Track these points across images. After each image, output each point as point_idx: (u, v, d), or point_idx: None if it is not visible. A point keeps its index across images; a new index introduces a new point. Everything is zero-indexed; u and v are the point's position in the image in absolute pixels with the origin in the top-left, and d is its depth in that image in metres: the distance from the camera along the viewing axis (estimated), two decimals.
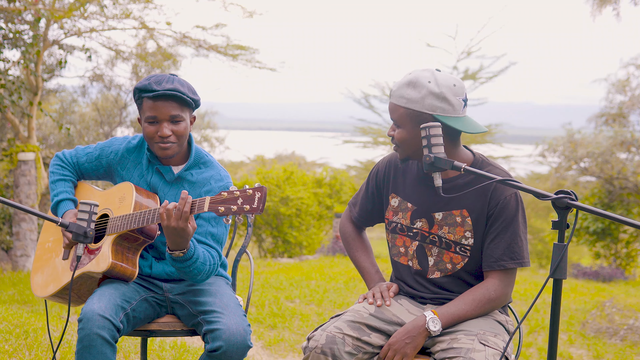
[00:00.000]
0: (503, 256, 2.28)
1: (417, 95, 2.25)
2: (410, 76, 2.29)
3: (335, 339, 2.21)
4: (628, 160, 13.36)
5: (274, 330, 5.04)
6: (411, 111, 2.26)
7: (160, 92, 2.48)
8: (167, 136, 2.52)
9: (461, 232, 2.33)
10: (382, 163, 2.54)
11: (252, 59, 11.61)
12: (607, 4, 8.59)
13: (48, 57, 11.87)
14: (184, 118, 2.54)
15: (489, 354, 2.13)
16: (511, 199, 2.28)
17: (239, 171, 18.44)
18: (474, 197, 2.30)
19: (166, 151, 2.54)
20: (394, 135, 2.34)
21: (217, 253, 2.58)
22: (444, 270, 2.38)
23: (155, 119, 2.51)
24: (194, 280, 2.52)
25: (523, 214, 2.32)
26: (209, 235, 2.58)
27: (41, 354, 3.65)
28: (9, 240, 10.31)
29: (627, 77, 14.29)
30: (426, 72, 2.28)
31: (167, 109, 2.50)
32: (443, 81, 2.25)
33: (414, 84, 2.26)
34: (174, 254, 2.39)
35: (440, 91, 2.23)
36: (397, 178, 2.46)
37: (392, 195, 2.47)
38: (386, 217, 2.50)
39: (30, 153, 9.77)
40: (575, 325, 5.84)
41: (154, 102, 2.50)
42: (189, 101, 2.53)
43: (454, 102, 2.25)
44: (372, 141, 20.32)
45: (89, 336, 2.30)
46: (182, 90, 2.51)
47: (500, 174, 2.27)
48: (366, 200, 2.57)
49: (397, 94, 2.30)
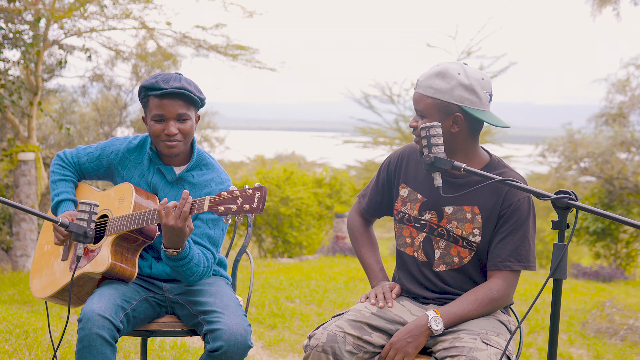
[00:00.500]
0: (510, 257, 2.28)
1: (446, 85, 2.25)
2: (439, 67, 2.29)
3: (337, 338, 2.21)
4: (628, 160, 13.36)
5: (274, 330, 5.04)
6: (439, 101, 2.26)
7: (168, 90, 2.48)
8: (174, 134, 2.52)
9: (469, 229, 2.33)
10: (394, 155, 2.54)
11: (252, 59, 11.61)
12: (607, 4, 8.59)
13: (48, 57, 11.87)
14: (190, 116, 2.55)
15: (491, 353, 2.13)
16: (524, 202, 2.29)
17: (239, 171, 18.44)
18: (487, 196, 2.31)
19: (172, 149, 2.55)
20: (416, 126, 2.33)
21: (212, 255, 2.58)
22: (451, 263, 2.37)
23: (162, 117, 2.52)
24: (187, 281, 2.52)
25: (534, 218, 2.32)
26: (205, 237, 2.58)
27: (41, 354, 3.65)
28: (9, 240, 10.30)
29: (627, 77, 14.29)
30: (455, 64, 2.29)
31: (174, 107, 2.51)
32: (472, 74, 2.26)
33: (443, 75, 2.26)
34: (168, 251, 2.40)
35: (469, 83, 2.24)
36: (408, 169, 2.46)
37: (402, 185, 2.47)
38: (395, 208, 2.49)
39: (30, 153, 9.77)
40: (576, 325, 5.84)
41: (161, 100, 2.51)
42: (196, 100, 2.54)
43: (481, 95, 2.26)
44: (372, 141, 20.33)
45: (88, 336, 2.30)
46: (189, 89, 2.52)
47: (514, 177, 2.26)
48: (376, 191, 2.57)
49: (424, 84, 2.30)
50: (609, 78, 14.62)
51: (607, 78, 14.66)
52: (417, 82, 2.34)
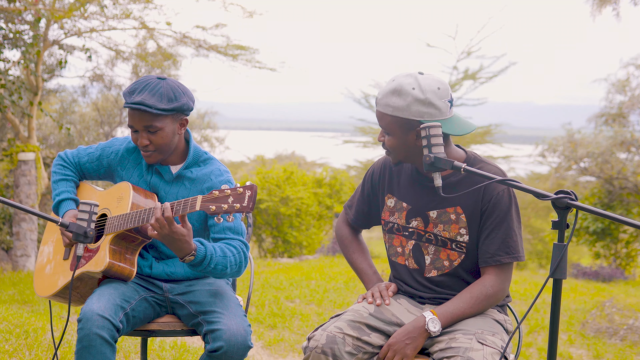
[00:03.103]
0: (498, 251, 2.29)
1: (402, 103, 2.23)
2: (394, 84, 2.27)
3: (336, 339, 2.22)
4: (628, 160, 13.37)
5: (274, 330, 5.04)
6: (399, 118, 2.25)
7: (128, 104, 2.46)
8: (145, 145, 2.51)
9: (456, 229, 2.33)
10: (377, 165, 2.54)
11: (252, 59, 11.61)
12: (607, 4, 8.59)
13: (48, 57, 11.88)
14: (160, 127, 2.48)
15: (487, 352, 2.14)
16: (504, 194, 2.29)
17: (239, 171, 18.44)
18: (468, 194, 2.30)
19: (148, 159, 2.55)
20: (384, 141, 2.34)
21: (239, 242, 2.51)
22: (441, 268, 2.38)
23: (133, 127, 2.51)
24: (227, 276, 2.47)
25: (516, 208, 2.33)
26: (227, 230, 2.52)
27: (41, 353, 3.65)
28: (9, 240, 10.32)
29: (627, 77, 14.30)
30: (409, 77, 2.26)
31: (139, 119, 2.48)
32: (427, 86, 2.23)
33: (399, 92, 2.24)
34: (186, 260, 2.36)
35: (425, 97, 2.22)
36: (392, 179, 2.47)
37: (388, 195, 2.47)
38: (382, 218, 2.50)
39: (30, 153, 9.78)
40: (575, 325, 5.84)
41: (130, 111, 2.49)
42: (158, 113, 2.45)
43: (440, 105, 2.24)
44: (372, 141, 20.30)
45: (88, 336, 2.30)
46: (147, 103, 2.43)
47: (492, 171, 2.27)
48: (362, 202, 2.57)
49: (382, 103, 2.29)
50: (609, 78, 14.63)
51: (607, 78, 14.68)
52: (376, 99, 2.33)
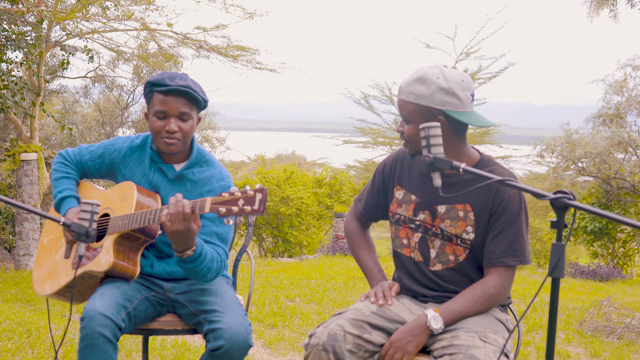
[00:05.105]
0: (505, 253, 2.30)
1: (426, 90, 2.28)
2: (419, 73, 2.32)
3: (337, 336, 2.23)
4: (625, 160, 13.40)
5: (275, 329, 5.07)
6: (421, 107, 2.29)
7: (172, 87, 2.50)
8: (174, 132, 2.53)
9: (463, 227, 2.35)
10: (389, 158, 2.57)
11: (253, 60, 11.63)
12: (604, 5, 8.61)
13: (50, 58, 11.91)
14: (192, 116, 2.56)
15: (489, 350, 2.14)
16: (515, 197, 2.31)
17: (240, 171, 18.47)
18: (479, 193, 2.33)
19: (171, 147, 2.55)
20: (403, 131, 2.36)
21: (223, 251, 2.57)
22: (446, 262, 2.39)
23: (165, 113, 2.53)
24: (205, 280, 2.51)
25: (526, 213, 2.35)
26: (214, 235, 2.58)
27: (44, 352, 3.68)
28: (11, 240, 10.35)
29: (624, 78, 14.33)
30: (434, 68, 2.31)
31: (177, 104, 2.52)
32: (451, 76, 2.28)
33: (423, 80, 2.29)
34: (185, 254, 2.37)
35: (449, 86, 2.26)
36: (403, 171, 2.50)
37: (397, 187, 2.50)
38: (390, 210, 2.52)
39: (32, 153, 9.81)
40: (573, 323, 5.87)
41: (165, 96, 2.52)
42: (199, 100, 2.56)
43: (462, 96, 2.28)
44: (372, 141, 20.31)
45: (90, 335, 2.32)
46: (194, 88, 2.53)
47: (504, 174, 2.29)
48: (372, 195, 2.60)
49: (406, 91, 2.32)
50: (607, 79, 14.66)
51: (605, 79, 14.71)
52: (399, 88, 2.37)
